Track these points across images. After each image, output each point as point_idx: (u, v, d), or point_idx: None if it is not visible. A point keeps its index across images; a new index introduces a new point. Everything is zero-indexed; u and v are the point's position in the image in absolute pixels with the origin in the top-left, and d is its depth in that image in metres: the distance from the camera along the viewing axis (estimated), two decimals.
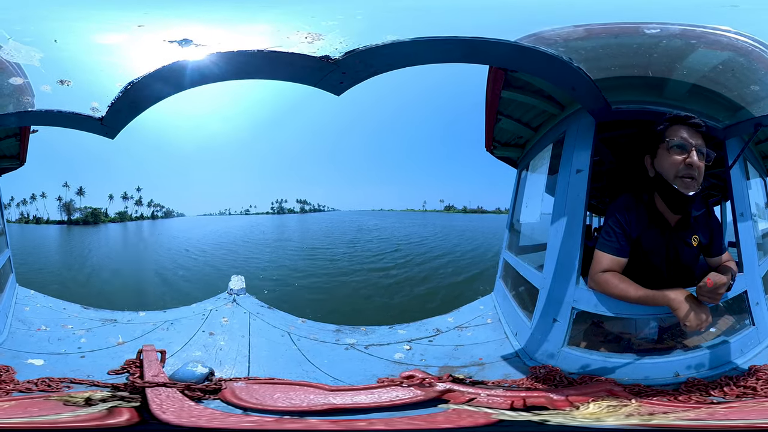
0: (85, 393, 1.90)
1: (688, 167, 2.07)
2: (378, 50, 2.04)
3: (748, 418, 1.64)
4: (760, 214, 3.17)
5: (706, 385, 2.05)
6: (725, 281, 1.97)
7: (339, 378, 2.37)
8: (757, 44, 2.17)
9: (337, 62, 2.05)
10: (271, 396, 1.97)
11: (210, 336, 2.83)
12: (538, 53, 2.06)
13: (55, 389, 2.04)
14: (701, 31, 2.18)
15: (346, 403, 1.93)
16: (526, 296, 2.85)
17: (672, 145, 2.09)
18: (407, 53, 2.09)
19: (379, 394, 2.00)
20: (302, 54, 2.07)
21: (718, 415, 1.69)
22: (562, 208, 2.47)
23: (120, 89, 2.12)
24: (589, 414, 1.76)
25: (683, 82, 2.16)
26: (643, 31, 2.18)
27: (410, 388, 2.03)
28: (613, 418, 1.71)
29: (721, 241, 2.38)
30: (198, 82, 2.25)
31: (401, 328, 3.08)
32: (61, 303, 3.35)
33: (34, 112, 2.15)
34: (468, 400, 1.94)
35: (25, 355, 2.44)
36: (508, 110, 3.08)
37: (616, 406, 1.80)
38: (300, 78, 2.24)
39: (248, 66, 2.19)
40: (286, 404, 1.92)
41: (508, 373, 2.33)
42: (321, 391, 2.02)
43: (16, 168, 3.39)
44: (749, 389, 1.99)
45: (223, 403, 1.94)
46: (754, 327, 2.36)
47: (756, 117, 2.10)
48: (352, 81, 2.21)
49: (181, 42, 2.19)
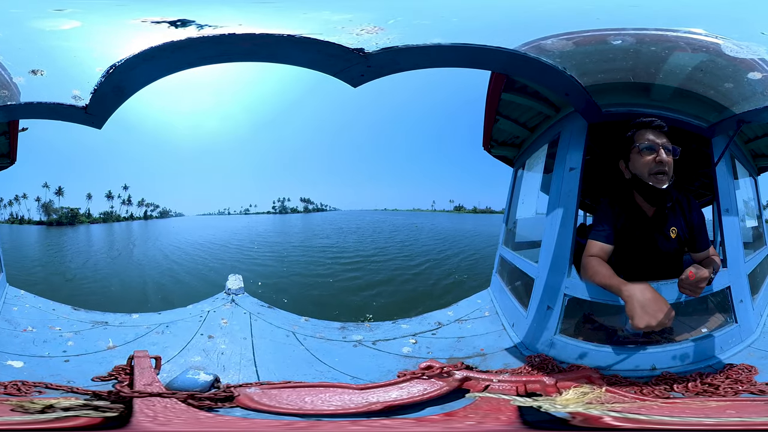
0: (52, 400, 1.69)
1: (659, 164, 2.26)
2: (411, 50, 2.14)
3: (672, 415, 1.61)
4: (749, 212, 3.26)
5: (674, 380, 2.10)
6: (706, 275, 2.06)
7: (357, 376, 2.35)
8: (720, 42, 2.27)
9: (367, 56, 2.10)
10: (303, 399, 1.89)
11: (209, 339, 2.72)
12: (536, 62, 2.19)
13: (24, 393, 1.90)
14: (675, 35, 2.30)
15: (388, 401, 1.92)
16: (521, 289, 2.97)
17: (642, 147, 2.28)
18: (430, 56, 2.21)
19: (408, 388, 2.01)
20: (331, 42, 2.08)
21: (646, 410, 1.66)
22: (556, 203, 2.60)
23: (101, 74, 2.00)
24: (565, 400, 1.81)
25: (666, 85, 2.29)
26: (616, 39, 2.30)
27: (432, 380, 2.08)
28: (575, 405, 1.72)
29: (705, 237, 2.48)
30: (194, 63, 2.18)
31: (404, 322, 3.13)
32: (51, 304, 3.23)
33: (15, 105, 2.05)
34: (484, 387, 2.03)
35: (5, 356, 2.34)
36: (507, 111, 3.20)
37: (587, 393, 1.86)
38: (321, 66, 2.26)
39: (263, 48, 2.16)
40: (328, 407, 1.85)
41: (507, 363, 2.43)
42: (353, 391, 1.98)
43: (7, 167, 3.32)
44: (712, 387, 2.01)
45: (244, 410, 1.83)
46: (736, 324, 2.43)
47: (738, 114, 2.21)
48: (374, 75, 2.29)
49: (175, 23, 2.12)
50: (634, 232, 2.40)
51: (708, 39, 2.26)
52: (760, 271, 2.96)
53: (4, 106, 2.05)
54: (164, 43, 2.03)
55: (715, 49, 2.24)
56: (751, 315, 2.53)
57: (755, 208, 3.43)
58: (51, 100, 2.05)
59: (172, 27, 2.13)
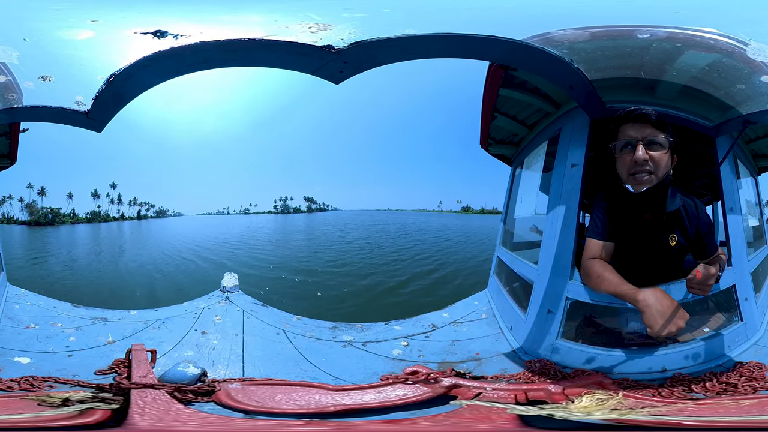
0: (66, 393, 1.82)
1: (635, 164, 2.06)
2: (384, 43, 2.06)
3: (715, 416, 1.60)
4: (751, 212, 3.23)
5: (690, 381, 2.05)
6: (714, 273, 1.99)
7: (340, 377, 2.33)
8: (739, 44, 2.22)
9: (339, 52, 2.06)
10: (272, 397, 1.88)
11: (202, 335, 2.78)
12: (542, 53, 2.10)
13: (37, 389, 1.98)
14: (689, 34, 2.22)
15: (356, 404, 1.86)
16: (520, 291, 2.89)
17: (620, 147, 2.11)
18: (412, 48, 2.12)
19: (386, 392, 1.94)
20: (298, 42, 2.07)
21: (687, 411, 1.65)
22: (557, 201, 2.51)
23: (102, 81, 2.11)
24: (582, 408, 1.74)
25: (674, 83, 2.21)
26: (636, 35, 2.22)
27: (416, 385, 1.98)
28: (600, 411, 1.68)
29: (713, 243, 2.37)
30: (181, 71, 2.25)
31: (397, 324, 3.08)
32: (51, 301, 3.32)
33: (21, 108, 2.15)
34: (475, 395, 1.92)
35: (12, 353, 2.42)
36: (504, 108, 3.12)
37: (605, 399, 1.80)
38: (296, 66, 2.24)
39: (237, 54, 2.19)
40: (291, 406, 1.83)
41: (505, 368, 2.35)
42: (326, 391, 1.94)
43: (7, 167, 3.36)
44: (730, 386, 1.98)
45: (217, 405, 1.85)
46: (742, 323, 2.39)
47: (744, 114, 2.15)
48: (353, 71, 2.22)
49: (156, 33, 2.18)
50: (629, 237, 2.26)
51: (726, 40, 2.20)
52: (761, 270, 2.94)
53: (11, 109, 2.15)
54: (154, 52, 2.14)
55: (735, 51, 2.18)
56: (755, 313, 2.50)
57: (756, 207, 3.41)
58: (55, 105, 2.16)
59: (155, 38, 2.20)
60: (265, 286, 14.63)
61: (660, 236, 2.26)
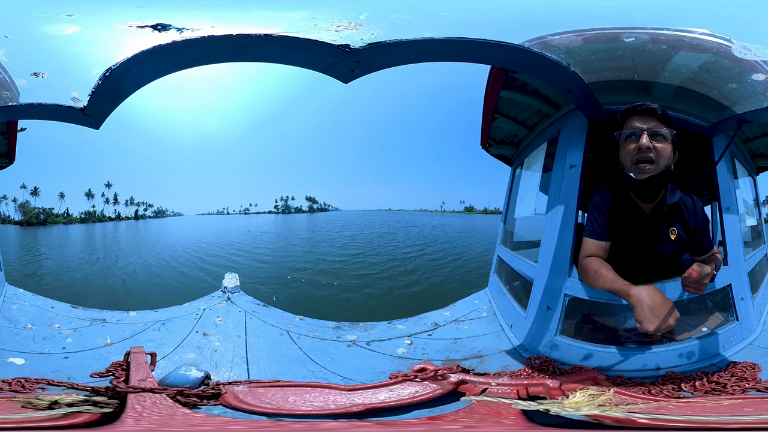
0: (56, 396, 1.75)
1: (639, 151, 2.11)
2: (400, 45, 2.09)
3: (691, 414, 1.58)
4: (748, 211, 3.25)
5: (681, 379, 2.08)
6: (709, 271, 2.02)
7: (348, 377, 2.31)
8: (727, 43, 2.24)
9: (354, 51, 2.07)
10: (285, 399, 1.85)
11: (204, 337, 2.73)
12: (540, 57, 2.15)
13: (28, 390, 1.92)
14: (677, 34, 2.26)
15: (373, 403, 1.86)
16: (520, 289, 2.93)
17: (624, 136, 2.15)
18: (422, 50, 2.16)
19: (398, 390, 1.95)
20: (314, 40, 2.07)
21: (665, 410, 1.64)
22: (556, 201, 2.56)
23: (98, 77, 2.06)
24: (574, 403, 1.77)
25: (668, 84, 2.25)
26: (629, 37, 2.26)
27: (425, 382, 2.00)
28: (588, 407, 1.69)
29: (709, 240, 2.40)
30: (185, 65, 2.22)
31: (400, 323, 3.09)
32: (49, 302, 3.27)
33: (16, 106, 2.09)
34: (482, 391, 1.95)
35: (7, 354, 2.37)
36: (505, 109, 3.16)
37: (596, 395, 1.82)
38: (309, 63, 2.24)
39: (248, 49, 2.17)
40: (310, 407, 1.80)
41: (506, 365, 2.38)
42: (338, 392, 1.92)
43: (6, 166, 3.34)
44: (719, 386, 1.99)
45: (227, 408, 1.81)
46: (737, 322, 2.41)
47: (739, 114, 2.18)
48: (364, 71, 2.24)
49: (156, 27, 2.14)
50: (630, 230, 2.30)
51: (715, 40, 2.23)
52: (759, 270, 2.96)
53: (5, 107, 2.08)
54: (153, 46, 2.08)
55: (722, 51, 2.21)
56: (751, 313, 2.52)
57: (754, 207, 3.43)
58: (51, 102, 2.11)
59: (155, 31, 2.15)
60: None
61: (660, 228, 2.30)
